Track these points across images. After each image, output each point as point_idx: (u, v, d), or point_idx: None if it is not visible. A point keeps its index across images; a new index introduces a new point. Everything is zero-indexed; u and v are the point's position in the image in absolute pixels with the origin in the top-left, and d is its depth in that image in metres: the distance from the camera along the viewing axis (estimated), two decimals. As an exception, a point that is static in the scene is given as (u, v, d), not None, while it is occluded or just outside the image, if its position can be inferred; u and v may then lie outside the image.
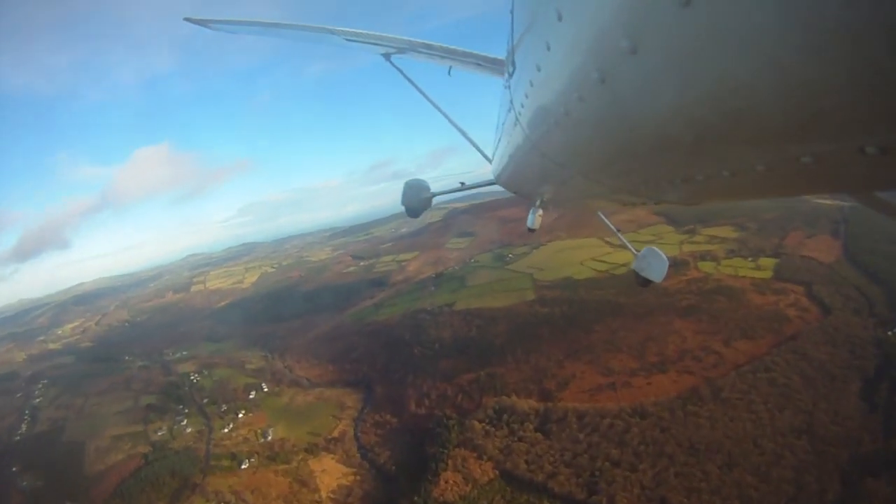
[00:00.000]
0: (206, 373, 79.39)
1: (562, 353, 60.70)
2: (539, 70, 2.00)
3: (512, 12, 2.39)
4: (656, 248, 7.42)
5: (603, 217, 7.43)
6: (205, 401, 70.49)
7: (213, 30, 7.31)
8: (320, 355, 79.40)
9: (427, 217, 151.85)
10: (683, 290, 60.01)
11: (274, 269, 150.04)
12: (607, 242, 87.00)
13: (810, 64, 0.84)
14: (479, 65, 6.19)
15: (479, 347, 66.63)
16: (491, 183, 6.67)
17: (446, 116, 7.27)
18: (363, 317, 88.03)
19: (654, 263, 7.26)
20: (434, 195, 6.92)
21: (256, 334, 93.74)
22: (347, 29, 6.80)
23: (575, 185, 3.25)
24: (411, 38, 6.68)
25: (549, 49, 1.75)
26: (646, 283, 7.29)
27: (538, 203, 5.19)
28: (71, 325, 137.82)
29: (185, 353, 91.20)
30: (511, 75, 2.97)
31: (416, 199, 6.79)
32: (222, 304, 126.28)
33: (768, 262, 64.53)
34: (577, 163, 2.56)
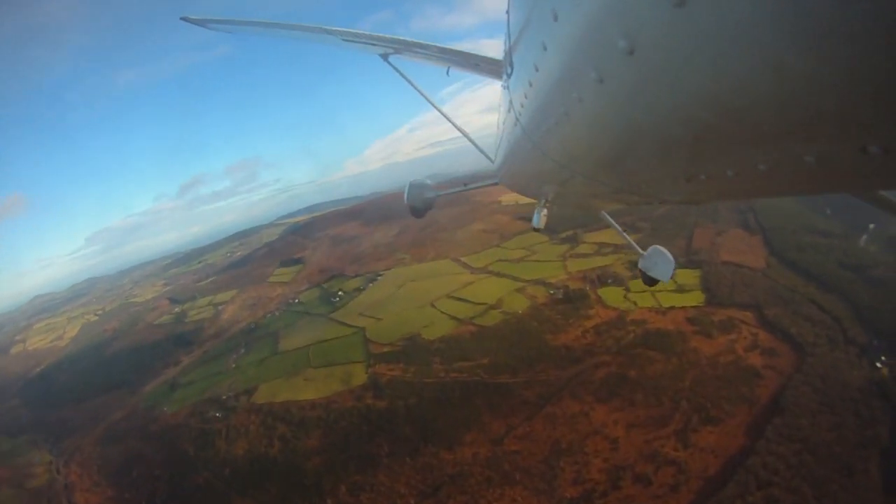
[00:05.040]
0: (-20, 499, 58.01)
1: (413, 493, 34.42)
2: (537, 70, 1.97)
3: (508, 12, 2.35)
4: (661, 248, 7.07)
5: (607, 216, 6.99)
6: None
7: (211, 29, 7.45)
8: (104, 465, 58.04)
9: (264, 235, 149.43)
10: (594, 347, 36.98)
11: (97, 318, 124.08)
12: (464, 266, 65.23)
13: (809, 63, 0.83)
14: (476, 65, 6.05)
15: (284, 477, 41.80)
16: (494, 183, 6.78)
17: (446, 117, 7.36)
18: (156, 401, 66.61)
19: (661, 263, 7.07)
20: (438, 195, 6.84)
21: (52, 423, 73.11)
22: (345, 29, 6.68)
23: (576, 185, 3.21)
24: (409, 39, 6.56)
25: (546, 49, 1.72)
26: (652, 282, 7.18)
27: (542, 202, 4.91)
28: None
29: (-24, 458, 67.57)
30: (510, 76, 2.93)
31: (420, 199, 6.71)
32: (37, 370, 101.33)
33: (689, 276, 45.53)
34: (578, 163, 2.55)
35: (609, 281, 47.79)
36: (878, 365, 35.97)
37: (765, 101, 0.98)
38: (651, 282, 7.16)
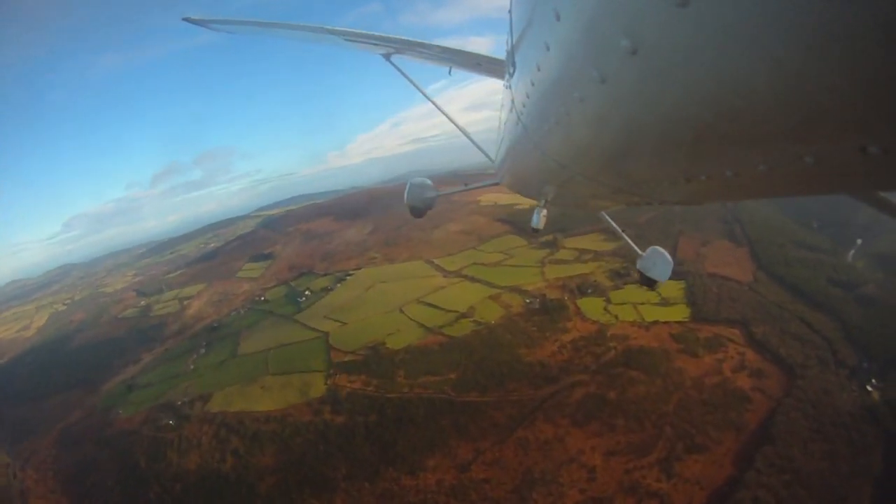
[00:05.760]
0: (-68, 508, 53.74)
1: (372, 521, 31.10)
2: (539, 70, 1.98)
3: (511, 12, 2.36)
4: (660, 248, 7.01)
5: (606, 217, 6.80)
6: None
7: (213, 30, 7.39)
8: (60, 471, 55.62)
9: (239, 227, 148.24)
10: (571, 365, 34.20)
11: (65, 307, 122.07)
12: (437, 268, 62.68)
13: (810, 63, 0.83)
14: (478, 65, 6.12)
15: (237, 497, 39.10)
16: (494, 183, 6.70)
17: (448, 117, 7.29)
18: (114, 401, 64.08)
19: (660, 263, 6.98)
20: (439, 195, 6.66)
21: (12, 421, 70.35)
22: (347, 29, 6.61)
23: (577, 185, 3.17)
24: (411, 39, 6.50)
25: (548, 49, 1.73)
26: (651, 283, 7.03)
27: (542, 203, 4.57)
28: None
29: (-67, 457, 63.72)
30: (512, 75, 2.93)
31: (420, 199, 6.55)
32: (2, 362, 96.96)
33: (673, 288, 43.50)
34: (579, 163, 2.55)
35: (589, 291, 45.28)
36: (869, 388, 34.24)
37: (766, 101, 0.98)
38: (649, 282, 7.07)
